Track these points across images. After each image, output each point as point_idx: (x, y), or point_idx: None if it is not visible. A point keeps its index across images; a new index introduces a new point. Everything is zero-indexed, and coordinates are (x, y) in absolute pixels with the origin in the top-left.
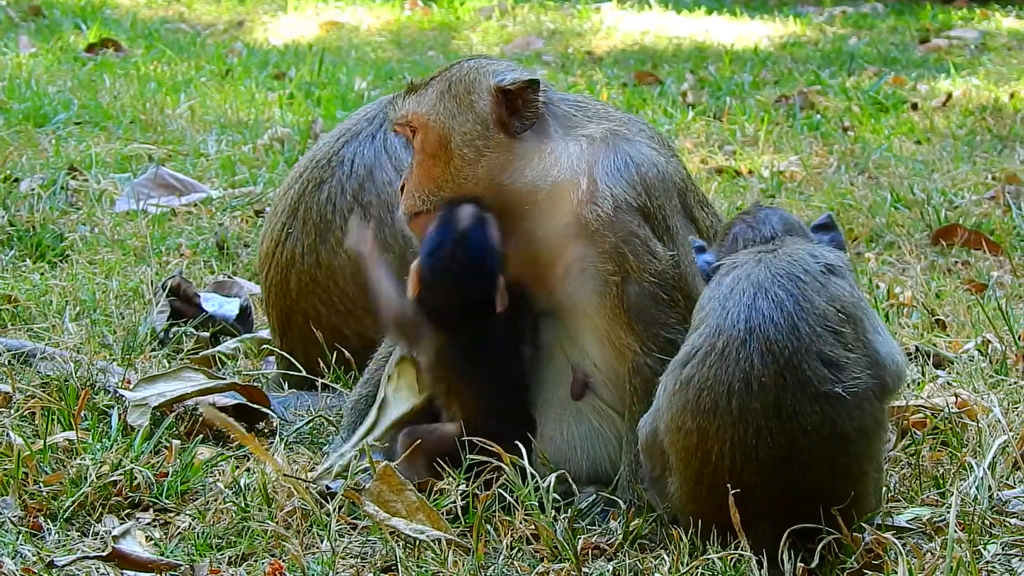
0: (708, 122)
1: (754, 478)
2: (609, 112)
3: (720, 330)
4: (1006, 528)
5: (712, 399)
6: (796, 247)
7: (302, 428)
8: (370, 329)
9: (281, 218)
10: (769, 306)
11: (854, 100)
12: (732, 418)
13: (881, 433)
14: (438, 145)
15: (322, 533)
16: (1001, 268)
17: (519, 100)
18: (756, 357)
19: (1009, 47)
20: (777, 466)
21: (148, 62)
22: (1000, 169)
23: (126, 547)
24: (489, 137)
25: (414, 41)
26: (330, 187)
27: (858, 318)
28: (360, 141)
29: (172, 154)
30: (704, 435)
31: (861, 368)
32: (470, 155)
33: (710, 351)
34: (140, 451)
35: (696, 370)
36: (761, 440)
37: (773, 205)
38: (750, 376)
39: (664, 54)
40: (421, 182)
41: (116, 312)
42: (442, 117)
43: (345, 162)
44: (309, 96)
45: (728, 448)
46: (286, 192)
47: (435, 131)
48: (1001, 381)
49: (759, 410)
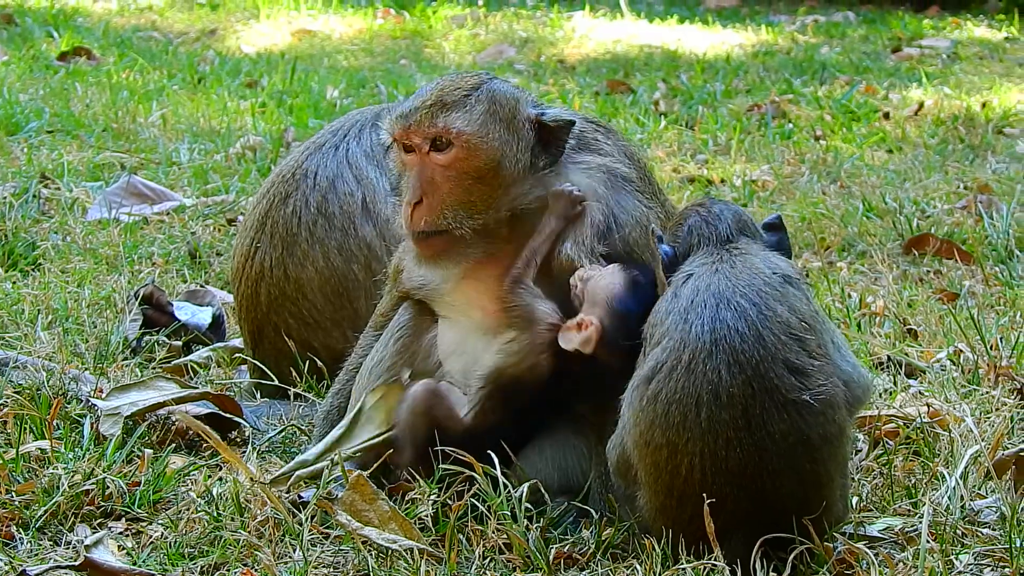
0: (680, 131)
1: (724, 489)
2: (600, 144)
3: (685, 343)
4: (978, 538)
5: (681, 413)
6: (752, 256)
7: (274, 437)
8: (337, 341)
9: (250, 233)
10: (733, 316)
11: (826, 109)
12: (701, 431)
13: (845, 440)
14: (486, 168)
15: (294, 542)
16: (973, 278)
17: (552, 136)
18: (723, 368)
19: (981, 56)
20: (747, 476)
21: (120, 70)
22: (972, 178)
23: (98, 556)
24: (527, 166)
25: (386, 49)
26: (295, 200)
27: (818, 329)
28: (323, 153)
29: (144, 163)
30: (673, 449)
31: (826, 375)
32: (509, 181)
33: (676, 365)
34: (112, 460)
35: (663, 384)
36: (731, 451)
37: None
38: (718, 388)
39: (636, 63)
40: (453, 201)
41: (88, 321)
42: (494, 141)
43: (308, 175)
44: (281, 104)
45: (698, 461)
46: (255, 207)
47: (485, 154)
48: (973, 391)
49: (728, 421)
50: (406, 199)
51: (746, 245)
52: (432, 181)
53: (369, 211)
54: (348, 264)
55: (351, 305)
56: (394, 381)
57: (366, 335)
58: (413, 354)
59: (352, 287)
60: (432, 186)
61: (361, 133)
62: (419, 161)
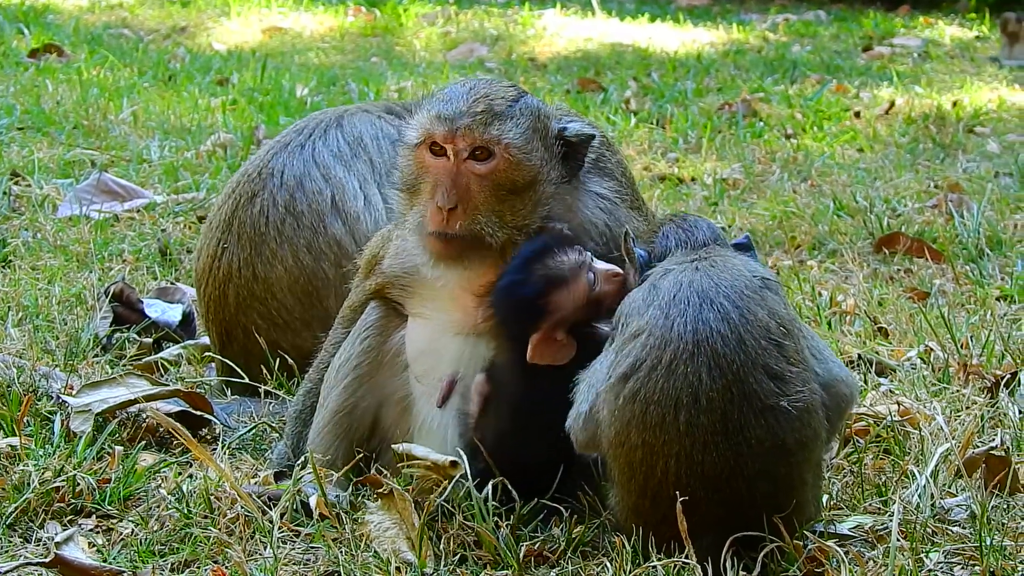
0: (651, 129)
1: (699, 492)
2: (607, 162)
3: (666, 341)
4: (948, 536)
5: (659, 414)
6: (731, 258)
7: (245, 435)
8: (307, 341)
9: (216, 233)
10: (716, 318)
11: (797, 107)
12: (679, 433)
13: (819, 443)
14: (523, 182)
15: (265, 540)
16: (943, 276)
17: (572, 150)
18: (704, 371)
19: (952, 55)
20: (722, 480)
21: (91, 67)
22: (942, 177)
23: (69, 553)
24: (556, 182)
25: (357, 47)
26: (262, 200)
27: (795, 334)
28: (289, 152)
29: (115, 160)
30: (650, 450)
31: (803, 381)
32: (541, 196)
33: (656, 364)
34: (83, 457)
35: (642, 384)
36: (707, 455)
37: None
38: (698, 391)
39: (607, 61)
40: (488, 210)
41: (59, 318)
42: (536, 157)
43: (275, 174)
44: (252, 102)
45: (674, 463)
46: (220, 207)
47: (526, 168)
48: (943, 389)
49: (706, 425)
50: (436, 203)
51: (722, 250)
52: (467, 189)
53: (338, 209)
54: (318, 262)
55: (321, 304)
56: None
57: (335, 330)
58: (381, 354)
59: (322, 286)
60: (467, 194)
61: (327, 133)
62: (452, 167)
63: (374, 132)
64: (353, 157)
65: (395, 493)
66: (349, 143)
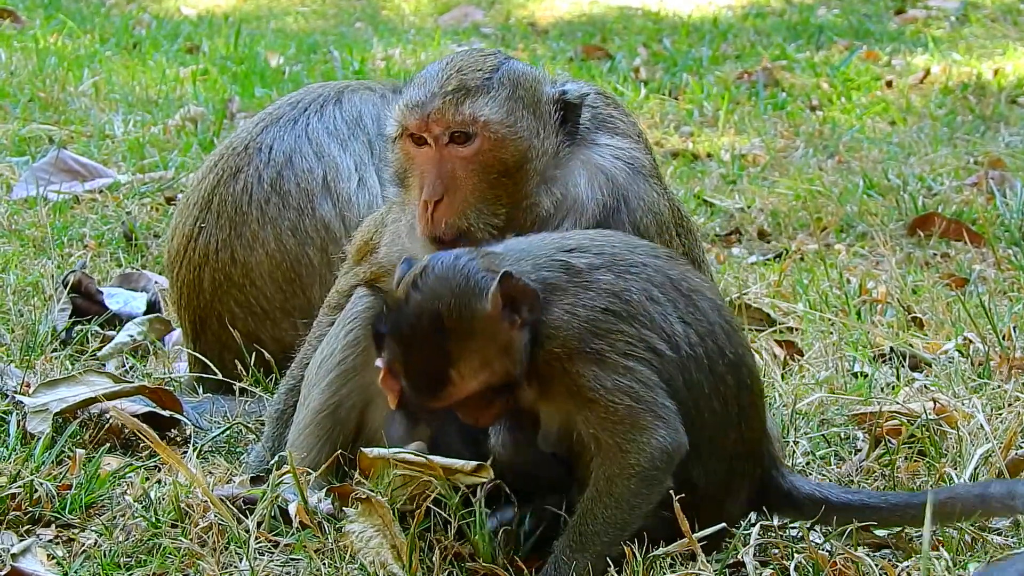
0: (663, 101)
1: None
2: (615, 122)
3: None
4: (988, 546)
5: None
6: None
7: (218, 436)
8: (287, 333)
9: (193, 211)
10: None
11: (823, 76)
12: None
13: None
14: (512, 161)
15: (240, 551)
16: (983, 261)
17: (571, 113)
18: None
19: (993, 18)
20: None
21: (48, 34)
22: (983, 152)
23: (26, 566)
24: (553, 152)
25: (340, 11)
26: (246, 176)
27: None
28: (281, 126)
29: (75, 135)
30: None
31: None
32: (536, 171)
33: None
34: (41, 461)
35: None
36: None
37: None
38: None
39: (614, 26)
40: (477, 198)
41: (14, 309)
42: (523, 132)
43: (263, 149)
44: (225, 71)
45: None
46: (199, 183)
47: (512, 145)
48: (983, 385)
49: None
50: (423, 197)
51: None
52: (453, 176)
53: (330, 189)
54: (302, 247)
55: (304, 294)
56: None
57: (321, 318)
58: (368, 348)
59: (306, 272)
60: (453, 182)
61: (324, 108)
62: (436, 155)
63: (375, 112)
64: (350, 136)
65: (372, 500)
66: (347, 121)
